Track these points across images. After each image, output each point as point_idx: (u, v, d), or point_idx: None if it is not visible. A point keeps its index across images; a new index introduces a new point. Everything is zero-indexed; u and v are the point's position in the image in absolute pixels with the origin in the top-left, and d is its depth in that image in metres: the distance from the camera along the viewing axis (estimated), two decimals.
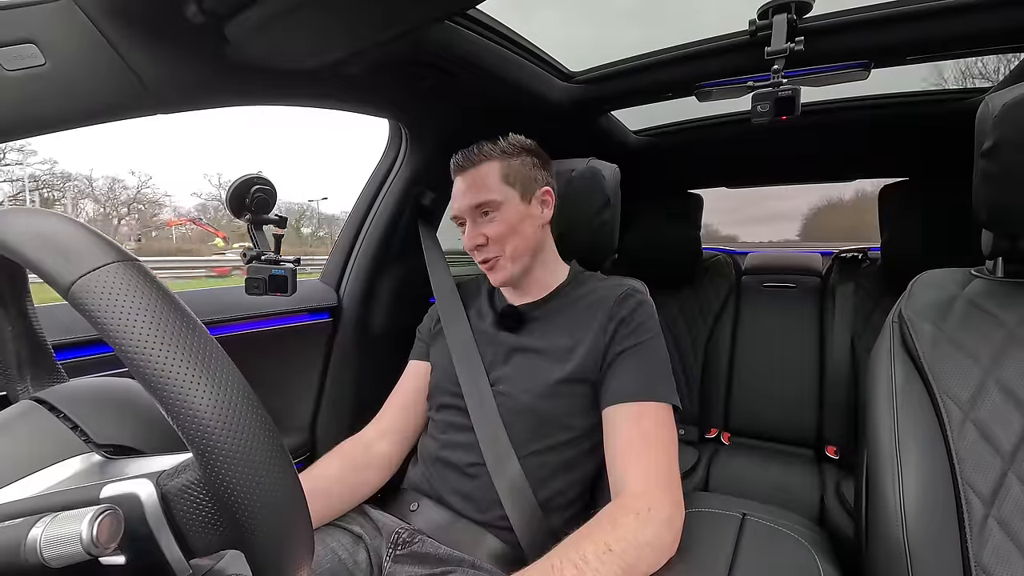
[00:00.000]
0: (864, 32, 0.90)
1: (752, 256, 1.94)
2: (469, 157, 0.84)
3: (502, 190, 0.81)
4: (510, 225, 0.81)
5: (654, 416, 0.71)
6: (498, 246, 0.82)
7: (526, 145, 0.86)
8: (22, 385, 0.45)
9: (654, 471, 0.66)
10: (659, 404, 0.72)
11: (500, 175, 0.82)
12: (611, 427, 0.72)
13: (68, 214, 0.36)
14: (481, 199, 0.81)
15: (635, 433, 0.70)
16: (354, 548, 0.75)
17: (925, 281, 0.70)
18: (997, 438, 0.57)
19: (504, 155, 0.83)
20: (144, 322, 0.30)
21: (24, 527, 0.28)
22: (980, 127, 0.62)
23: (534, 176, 0.85)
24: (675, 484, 0.66)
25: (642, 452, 0.68)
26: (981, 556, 0.53)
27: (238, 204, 0.80)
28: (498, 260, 0.83)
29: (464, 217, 0.84)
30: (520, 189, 0.83)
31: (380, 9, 0.61)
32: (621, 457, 0.69)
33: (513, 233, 0.81)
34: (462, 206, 0.83)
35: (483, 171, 0.82)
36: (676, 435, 0.72)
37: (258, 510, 0.31)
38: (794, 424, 1.57)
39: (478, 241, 0.82)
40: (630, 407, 0.72)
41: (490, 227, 0.81)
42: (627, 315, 0.78)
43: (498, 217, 0.81)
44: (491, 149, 0.83)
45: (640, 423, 0.70)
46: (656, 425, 0.70)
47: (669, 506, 0.63)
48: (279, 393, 1.12)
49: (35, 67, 0.55)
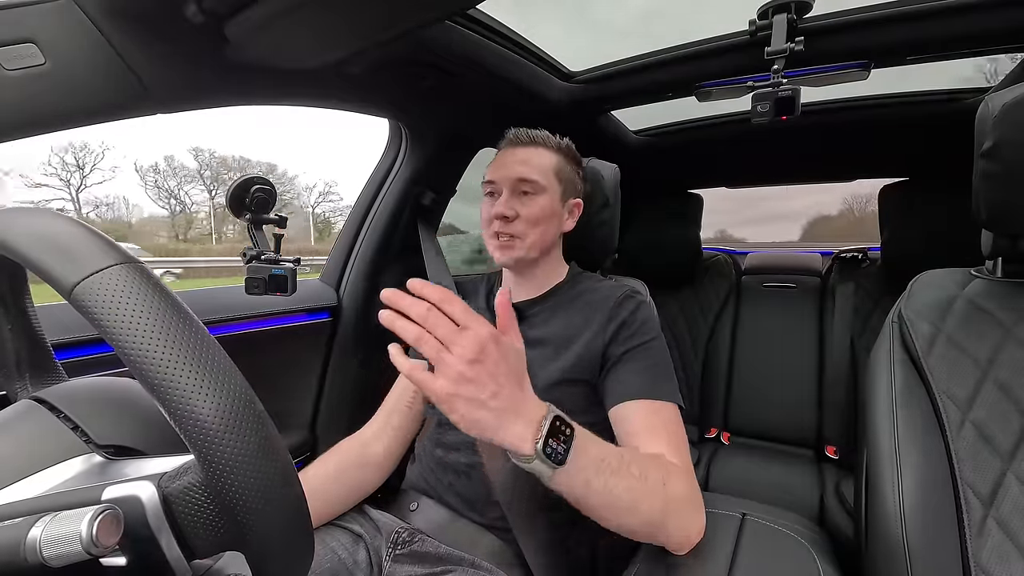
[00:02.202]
0: (864, 32, 0.90)
1: (752, 256, 1.94)
2: (531, 135, 0.85)
3: (551, 180, 0.83)
4: (543, 213, 0.81)
5: (668, 413, 0.71)
6: (522, 227, 0.81)
7: (576, 155, 0.89)
8: (21, 384, 0.46)
9: (686, 458, 0.67)
10: (670, 404, 0.72)
11: (554, 166, 0.83)
12: (625, 417, 0.71)
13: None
14: (532, 176, 0.81)
15: (656, 421, 0.69)
16: (354, 548, 0.76)
17: (925, 281, 0.71)
18: (996, 438, 0.57)
19: (560, 152, 0.85)
20: (147, 325, 0.30)
21: (24, 526, 0.28)
22: (980, 127, 0.62)
23: (576, 185, 0.88)
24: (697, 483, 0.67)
25: (666, 439, 0.67)
26: (980, 556, 0.53)
27: (238, 204, 0.80)
28: (515, 240, 0.81)
29: (501, 186, 0.82)
30: (563, 189, 0.84)
31: (380, 9, 0.61)
32: (644, 438, 0.68)
33: (541, 223, 0.82)
34: (509, 175, 0.81)
35: (541, 154, 0.83)
36: (686, 437, 0.72)
37: (259, 512, 0.31)
38: (794, 424, 1.57)
39: (508, 212, 0.80)
40: (642, 403, 0.71)
41: (525, 207, 0.81)
42: (628, 317, 0.78)
43: (537, 201, 0.81)
44: (551, 140, 0.85)
45: (658, 414, 0.70)
46: (671, 421, 0.70)
47: (698, 497, 0.64)
48: (279, 392, 1.12)
49: (35, 67, 0.55)
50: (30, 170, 42.46)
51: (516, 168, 0.81)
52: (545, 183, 0.81)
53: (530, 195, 0.81)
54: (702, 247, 1.82)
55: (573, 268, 0.91)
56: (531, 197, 0.81)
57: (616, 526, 0.57)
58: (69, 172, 40.61)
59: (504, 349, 0.49)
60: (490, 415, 0.48)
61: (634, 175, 1.29)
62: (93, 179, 43.32)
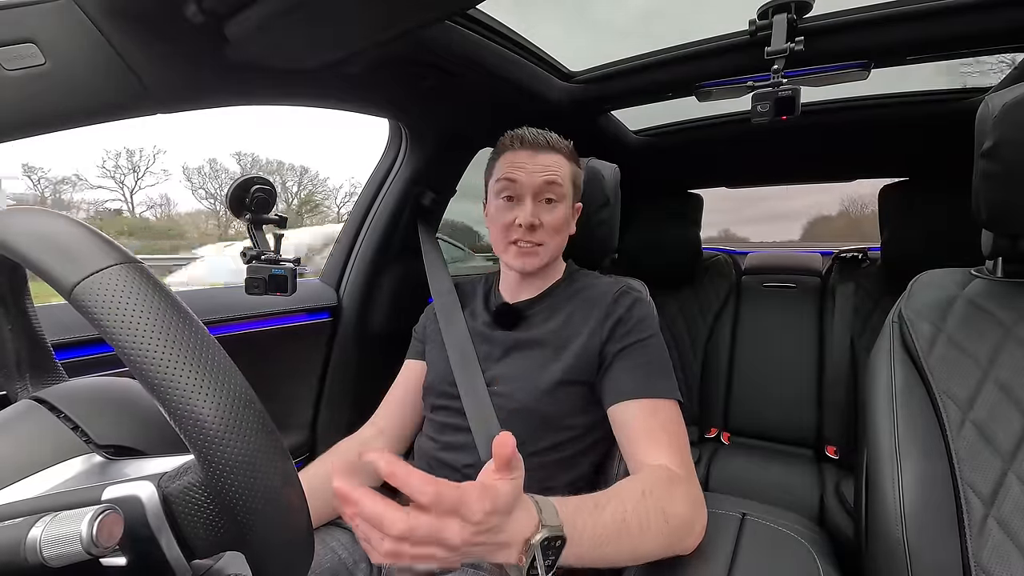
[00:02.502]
0: (864, 32, 0.90)
1: (752, 256, 1.94)
2: (548, 139, 0.82)
3: (568, 187, 0.82)
4: (563, 222, 0.82)
5: (667, 412, 0.70)
6: (546, 236, 0.80)
7: (578, 159, 0.88)
8: (21, 384, 0.45)
9: (686, 461, 0.66)
10: (669, 401, 0.71)
11: (569, 172, 0.83)
12: (624, 421, 0.71)
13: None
14: (555, 181, 0.79)
15: (654, 424, 0.69)
16: (354, 547, 0.75)
17: (925, 281, 0.70)
18: (996, 438, 0.57)
19: (569, 156, 0.84)
20: (147, 325, 0.30)
21: (24, 526, 0.28)
22: (980, 127, 0.62)
23: (580, 189, 0.87)
24: (698, 485, 0.66)
25: (666, 442, 0.67)
26: (980, 556, 0.53)
27: (238, 204, 0.79)
28: (539, 248, 0.81)
29: (523, 190, 0.79)
30: (573, 194, 0.84)
31: (380, 9, 0.61)
32: (644, 445, 0.67)
33: (562, 230, 0.82)
34: (533, 181, 0.78)
35: (557, 159, 0.81)
36: (687, 432, 0.71)
37: (260, 512, 0.31)
38: (794, 424, 1.57)
39: (534, 221, 0.78)
40: (641, 403, 0.71)
41: (549, 215, 0.80)
42: (624, 313, 0.77)
43: (559, 209, 0.81)
44: (564, 144, 0.84)
45: (656, 415, 0.69)
46: (671, 421, 0.70)
47: (699, 500, 0.63)
48: (279, 392, 1.12)
49: (35, 67, 0.55)
50: (88, 173, 43.49)
51: (542, 174, 0.79)
52: (565, 190, 0.81)
53: (553, 202, 0.80)
54: (706, 246, 1.82)
55: (570, 265, 0.92)
56: (554, 204, 0.80)
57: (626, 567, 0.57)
58: (123, 174, 41.51)
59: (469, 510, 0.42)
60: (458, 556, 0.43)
61: (634, 175, 1.29)
62: (146, 181, 44.27)
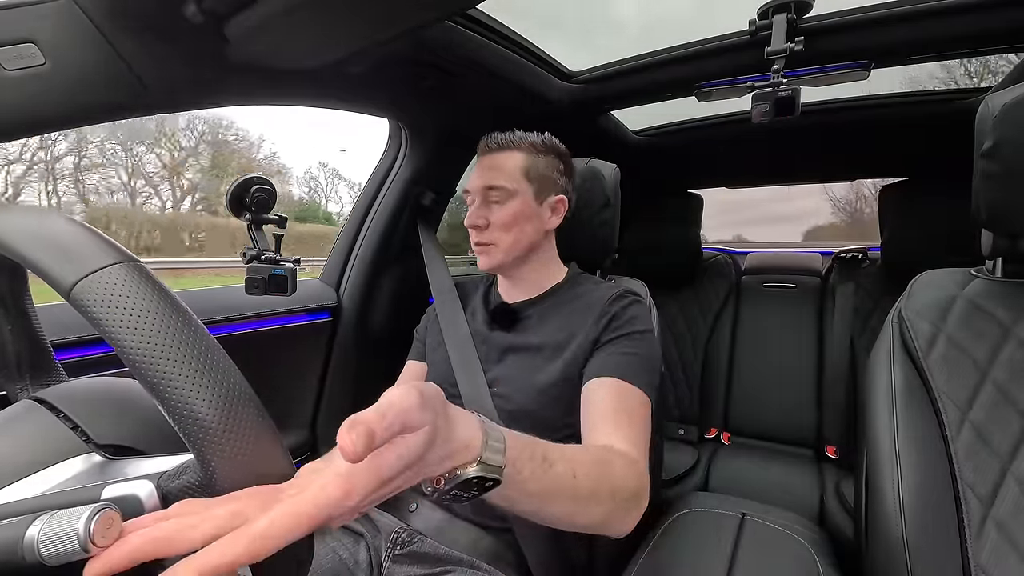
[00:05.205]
0: (864, 32, 0.90)
1: (752, 256, 1.94)
2: (498, 140, 0.84)
3: (518, 182, 0.82)
4: (514, 217, 0.81)
5: (636, 400, 0.69)
6: (495, 234, 0.82)
7: (558, 150, 0.87)
8: (21, 384, 0.46)
9: (642, 449, 0.64)
10: (640, 391, 0.70)
11: (522, 167, 0.83)
12: (591, 399, 0.70)
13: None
14: (494, 183, 0.81)
15: (620, 406, 0.67)
16: (355, 547, 0.75)
17: (925, 281, 0.71)
18: (995, 438, 0.57)
19: (532, 149, 0.84)
20: (146, 324, 0.30)
21: (22, 525, 0.28)
22: (980, 127, 0.62)
23: (554, 180, 0.86)
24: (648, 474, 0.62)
25: (627, 426, 0.65)
26: (980, 556, 0.53)
27: (238, 204, 0.80)
28: (490, 247, 0.83)
29: (475, 195, 0.84)
30: (536, 187, 0.83)
31: (380, 9, 0.61)
32: (603, 425, 0.65)
33: (514, 226, 0.82)
34: (474, 184, 0.83)
35: (506, 157, 0.83)
36: (651, 430, 0.69)
37: None
38: (794, 424, 1.57)
39: (478, 222, 0.82)
40: (613, 383, 0.70)
41: (493, 213, 0.82)
42: (618, 311, 0.78)
43: (505, 206, 0.81)
44: (521, 140, 0.84)
45: (624, 400, 0.68)
46: (638, 409, 0.68)
47: (646, 486, 0.59)
48: (279, 392, 1.12)
49: (35, 67, 0.55)
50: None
51: (482, 177, 0.82)
52: (513, 187, 0.81)
53: (499, 202, 0.82)
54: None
55: (573, 269, 0.91)
56: (500, 204, 0.82)
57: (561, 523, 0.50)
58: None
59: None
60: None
61: (634, 175, 1.29)
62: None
